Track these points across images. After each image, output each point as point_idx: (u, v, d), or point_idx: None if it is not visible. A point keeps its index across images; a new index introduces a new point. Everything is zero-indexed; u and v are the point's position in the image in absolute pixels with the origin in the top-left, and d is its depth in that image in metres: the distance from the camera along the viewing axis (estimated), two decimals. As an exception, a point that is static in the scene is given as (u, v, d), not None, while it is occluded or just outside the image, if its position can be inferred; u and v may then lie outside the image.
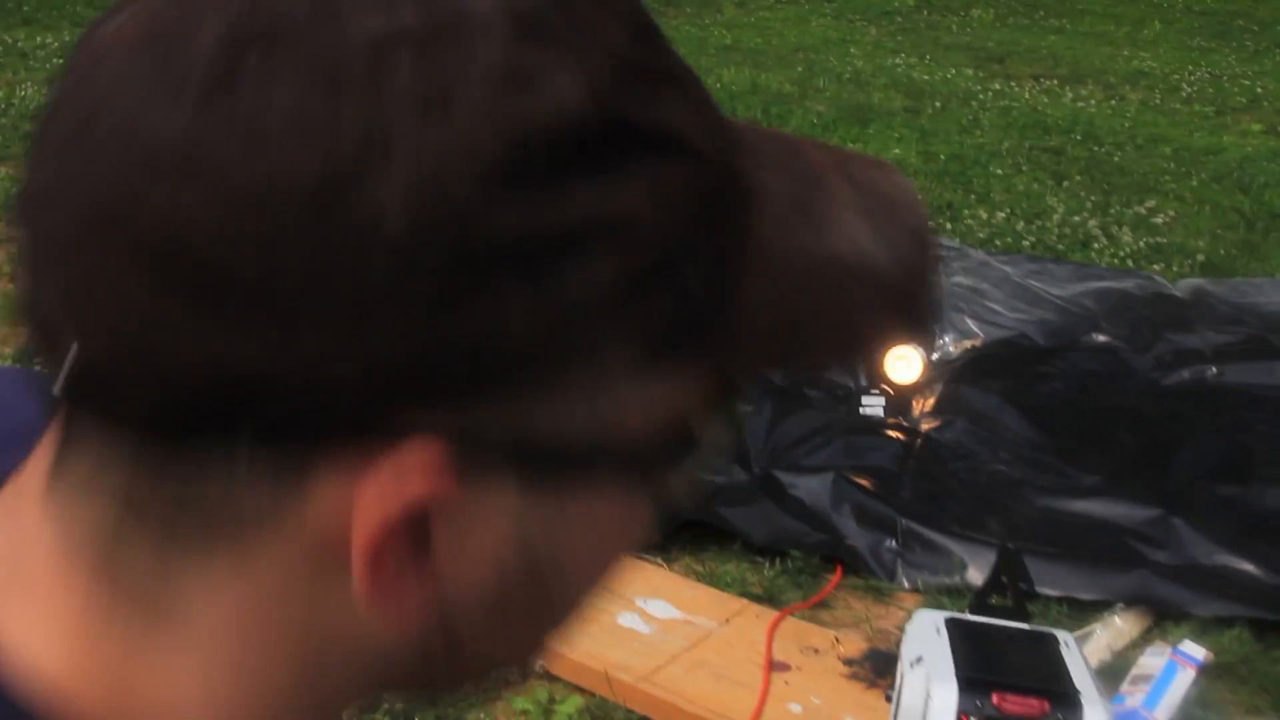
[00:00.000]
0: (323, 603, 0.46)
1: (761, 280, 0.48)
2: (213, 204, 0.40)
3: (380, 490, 0.43)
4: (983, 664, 1.65)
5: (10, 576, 0.48)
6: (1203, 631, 3.09)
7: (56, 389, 0.44)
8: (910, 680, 1.69)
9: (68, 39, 9.53)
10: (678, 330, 0.46)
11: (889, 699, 2.33)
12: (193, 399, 0.42)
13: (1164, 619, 3.17)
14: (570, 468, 0.46)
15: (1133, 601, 3.18)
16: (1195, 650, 2.94)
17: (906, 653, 1.72)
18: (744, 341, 0.49)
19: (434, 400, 0.43)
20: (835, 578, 3.28)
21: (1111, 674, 2.93)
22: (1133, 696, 2.83)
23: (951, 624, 1.75)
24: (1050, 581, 3.20)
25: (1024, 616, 1.75)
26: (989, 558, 3.21)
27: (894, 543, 3.37)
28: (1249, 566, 3.30)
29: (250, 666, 0.47)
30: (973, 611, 1.78)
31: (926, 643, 1.72)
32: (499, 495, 0.46)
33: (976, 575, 3.17)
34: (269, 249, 0.40)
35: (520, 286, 0.42)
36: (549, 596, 0.51)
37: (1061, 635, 1.69)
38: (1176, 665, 2.89)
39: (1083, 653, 1.68)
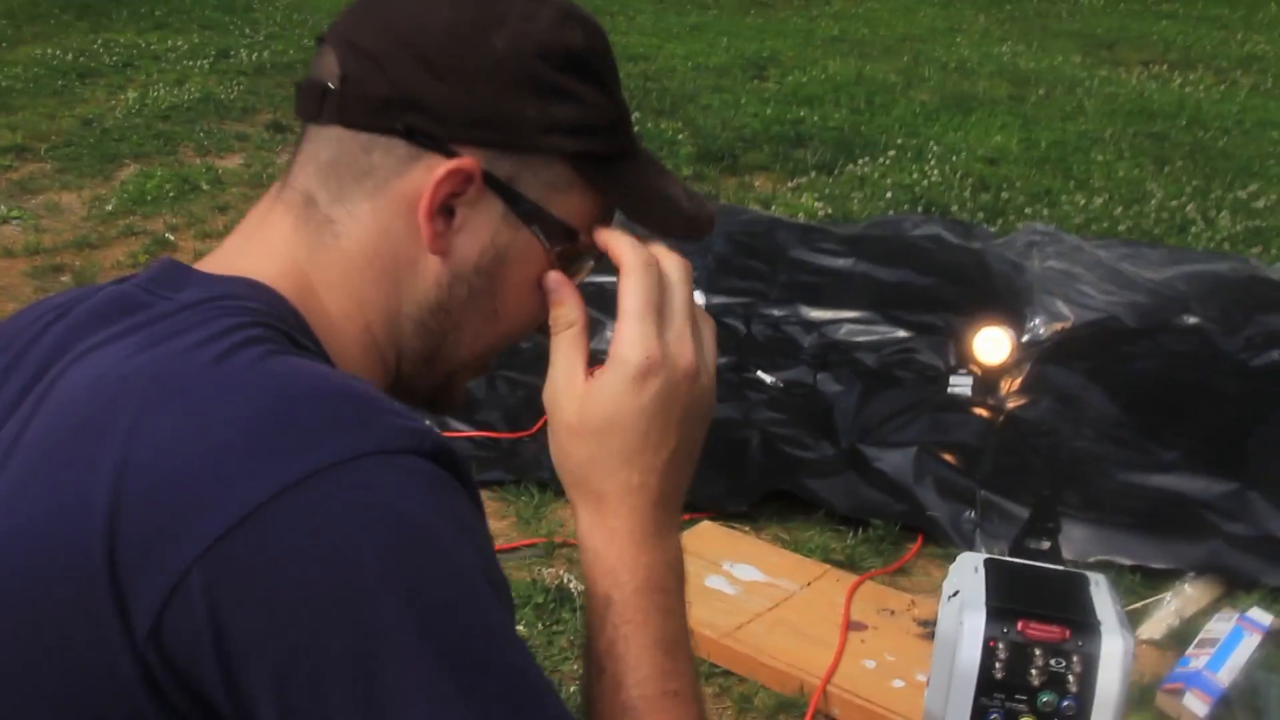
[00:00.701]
0: (404, 245, 0.91)
1: (631, 174, 0.97)
2: (436, 21, 0.90)
3: (443, 169, 0.89)
4: (1013, 596, 1.79)
5: (254, 234, 0.94)
6: (1273, 600, 3.19)
7: (307, 113, 0.93)
8: (946, 611, 1.84)
9: (197, 41, 9.94)
10: (590, 165, 0.94)
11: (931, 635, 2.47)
12: (381, 107, 0.89)
13: (1235, 588, 3.27)
14: (524, 214, 0.93)
15: (1204, 571, 3.29)
16: (1263, 617, 3.05)
17: (946, 588, 1.87)
18: (618, 198, 0.97)
19: (483, 144, 0.90)
20: (915, 546, 3.43)
21: (1181, 639, 3.05)
22: (1198, 659, 2.94)
23: (989, 563, 1.90)
24: (1124, 551, 3.32)
25: (1058, 560, 1.91)
26: (1067, 529, 3.33)
27: (973, 514, 3.51)
28: (1323, 538, 3.38)
29: (363, 273, 0.92)
30: (1011, 554, 1.94)
31: (964, 579, 1.86)
32: (490, 210, 0.92)
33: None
34: (449, 44, 0.89)
35: (533, 100, 0.91)
36: (495, 304, 0.95)
37: (1092, 576, 1.84)
38: (1243, 630, 3.00)
39: (1112, 593, 1.82)
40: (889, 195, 6.24)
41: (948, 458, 3.73)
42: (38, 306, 0.96)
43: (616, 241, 0.95)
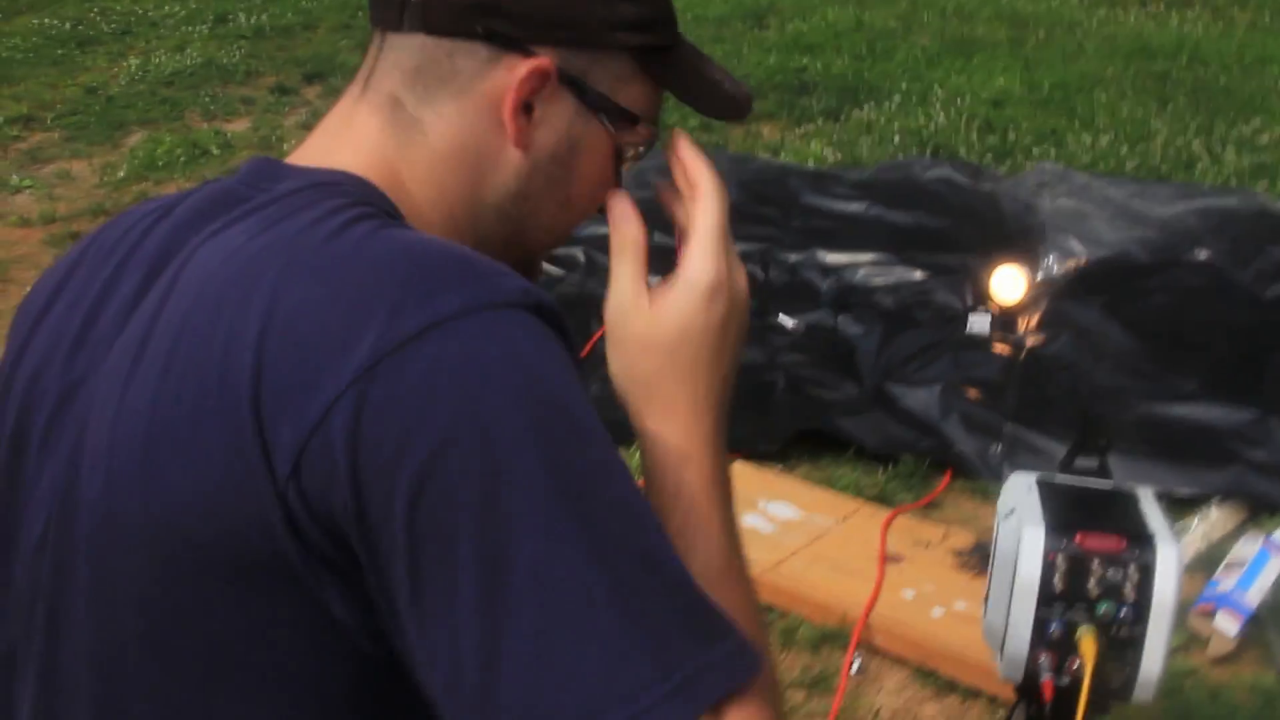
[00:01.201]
0: (488, 140, 0.98)
1: (682, 62, 1.03)
2: None
3: (524, 68, 0.95)
4: (1068, 511, 1.85)
5: (340, 132, 1.01)
6: (1297, 522, 3.27)
7: (386, 22, 0.98)
8: (1004, 529, 1.89)
9: (194, 6, 9.92)
10: (649, 57, 1.01)
11: (984, 559, 2.52)
12: (463, 13, 0.95)
13: (1259, 512, 3.34)
14: (593, 104, 0.99)
15: (1228, 496, 3.36)
16: (1288, 538, 3.12)
17: (1001, 507, 1.92)
18: (673, 85, 1.03)
19: (556, 43, 0.96)
20: (945, 480, 3.50)
21: (1207, 562, 3.12)
22: (1226, 581, 3.01)
23: (1041, 482, 1.95)
24: (1149, 479, 3.38)
25: (1107, 476, 1.96)
26: (1091, 459, 3.40)
27: (1000, 447, 3.58)
28: (1343, 462, 3.45)
29: (449, 167, 0.99)
30: (1061, 472, 1.99)
31: (1019, 498, 1.92)
32: (565, 104, 0.99)
33: (1078, 474, 3.36)
34: None
35: (601, 0, 0.96)
36: (568, 191, 1.02)
37: (1140, 490, 1.90)
38: (1269, 552, 3.07)
39: (1160, 506, 1.88)
40: (896, 140, 6.28)
41: (972, 394, 3.80)
42: (131, 214, 1.03)
43: (696, 163, 1.02)
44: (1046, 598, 1.77)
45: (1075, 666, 1.77)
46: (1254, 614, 2.92)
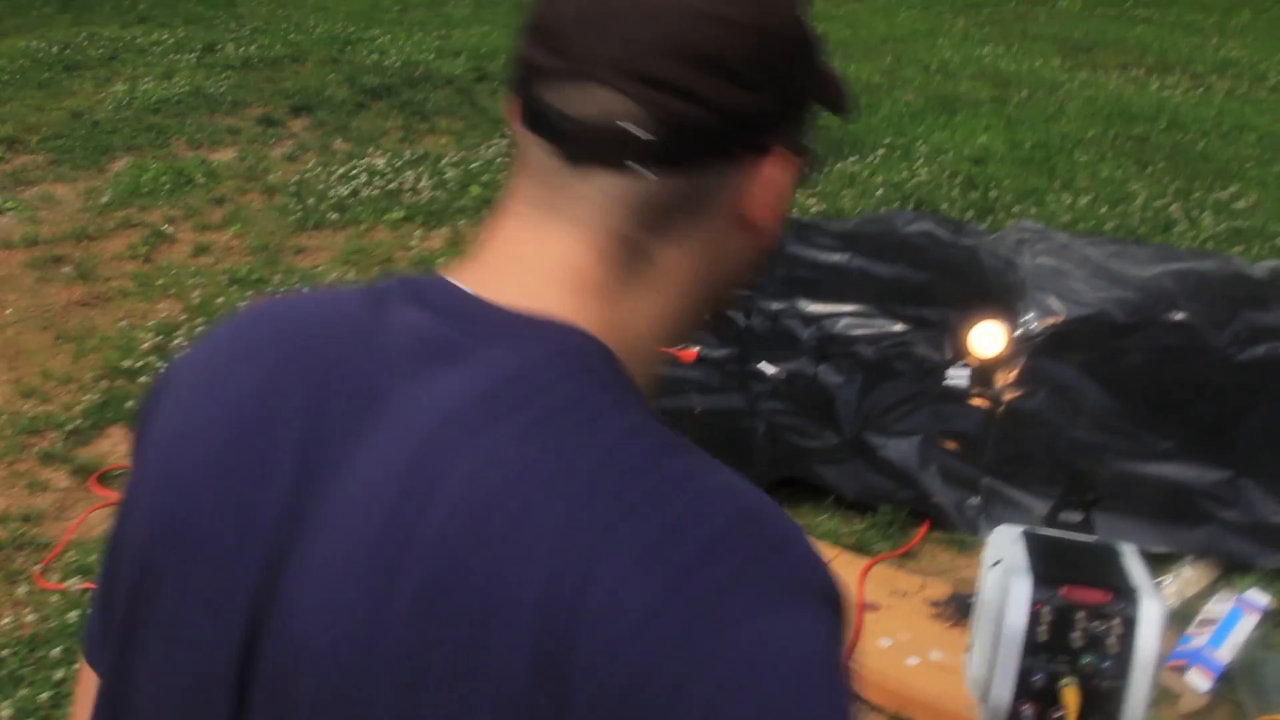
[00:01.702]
0: (728, 246, 0.93)
1: (831, 82, 0.98)
2: (720, 28, 0.86)
3: (774, 168, 0.91)
4: (1054, 564, 1.88)
5: (539, 265, 0.89)
6: (1268, 583, 3.31)
7: (603, 159, 0.87)
8: (990, 579, 1.92)
9: (182, 35, 9.95)
10: (822, 99, 0.96)
11: (959, 610, 2.56)
12: (710, 140, 0.87)
13: (1231, 571, 3.38)
14: (798, 156, 0.93)
15: (1201, 555, 3.40)
16: (1260, 597, 3.16)
17: (988, 557, 1.95)
18: (829, 104, 0.98)
19: (784, 130, 0.91)
20: (922, 530, 3.52)
21: (1180, 619, 3.15)
22: (1199, 637, 3.05)
23: (1028, 534, 1.98)
24: (1123, 536, 3.40)
25: (1091, 530, 1.99)
26: (1066, 515, 3.44)
27: (977, 500, 3.61)
28: (1315, 525, 3.49)
29: (684, 296, 0.92)
30: (1045, 526, 2.02)
31: (1006, 549, 1.95)
32: (786, 170, 0.92)
33: (1055, 529, 3.40)
34: (745, 51, 0.86)
35: (807, 66, 0.92)
36: (774, 240, 0.97)
37: (1123, 545, 1.93)
38: (1241, 610, 3.11)
39: (1143, 562, 1.91)
40: (879, 193, 6.34)
41: (950, 446, 3.83)
42: (282, 315, 0.95)
43: None
44: (1031, 648, 1.80)
45: (1057, 717, 1.80)
46: (1225, 671, 2.95)
